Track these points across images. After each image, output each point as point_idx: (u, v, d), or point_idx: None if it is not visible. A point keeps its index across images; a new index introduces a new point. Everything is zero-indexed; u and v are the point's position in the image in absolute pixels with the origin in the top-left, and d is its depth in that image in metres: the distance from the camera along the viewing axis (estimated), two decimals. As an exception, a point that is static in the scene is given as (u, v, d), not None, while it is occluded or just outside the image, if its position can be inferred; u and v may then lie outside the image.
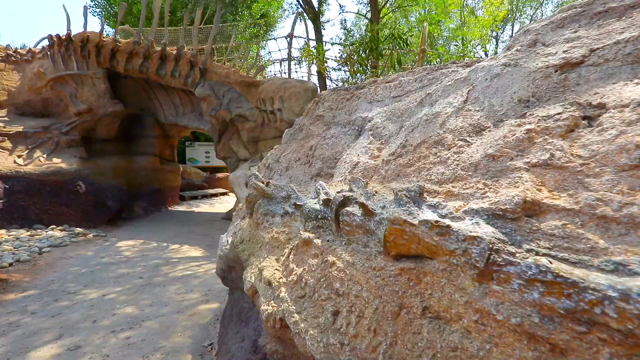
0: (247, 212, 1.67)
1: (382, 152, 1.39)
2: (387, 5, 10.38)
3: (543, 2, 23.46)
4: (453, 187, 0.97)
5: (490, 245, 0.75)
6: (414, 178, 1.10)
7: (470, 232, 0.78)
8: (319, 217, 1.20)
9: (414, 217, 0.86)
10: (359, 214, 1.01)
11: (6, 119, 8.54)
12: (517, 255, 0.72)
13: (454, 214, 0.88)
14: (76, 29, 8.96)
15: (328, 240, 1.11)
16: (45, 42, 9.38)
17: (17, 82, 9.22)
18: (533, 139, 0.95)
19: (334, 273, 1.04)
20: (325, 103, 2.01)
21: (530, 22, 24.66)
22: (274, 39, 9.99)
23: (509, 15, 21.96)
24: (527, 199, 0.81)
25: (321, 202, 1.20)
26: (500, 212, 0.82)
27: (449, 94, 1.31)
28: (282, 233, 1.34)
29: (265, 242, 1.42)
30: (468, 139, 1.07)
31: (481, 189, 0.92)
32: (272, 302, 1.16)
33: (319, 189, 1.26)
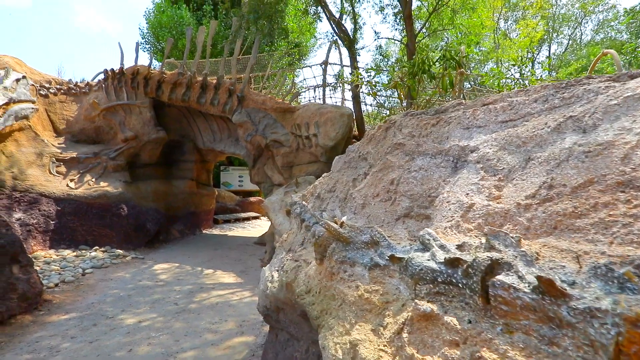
0: (317, 257, 1.41)
1: (505, 192, 1.09)
2: (423, 30, 10.36)
3: (582, 21, 22.55)
4: None
5: None
6: (600, 236, 0.78)
7: None
8: (439, 280, 0.90)
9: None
10: (528, 290, 0.71)
11: (63, 145, 9.25)
12: None
13: None
14: (128, 63, 9.77)
15: (470, 322, 0.80)
16: (102, 76, 10.28)
17: (75, 112, 10.08)
18: None
19: (500, 382, 0.70)
20: (404, 129, 1.75)
21: (569, 42, 23.73)
22: (308, 66, 10.25)
23: (545, 36, 21.25)
24: None
25: (441, 261, 0.91)
26: None
27: (617, 116, 0.99)
28: (375, 293, 1.05)
29: (348, 300, 1.14)
30: (687, 181, 0.76)
31: None
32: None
33: (428, 240, 0.98)
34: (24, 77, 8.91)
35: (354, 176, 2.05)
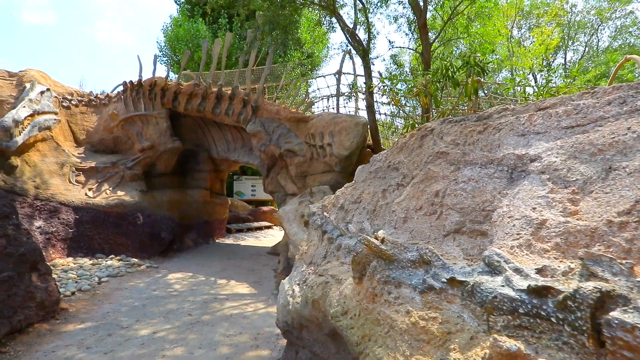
0: (354, 275, 1.31)
1: (584, 206, 0.96)
2: (437, 40, 10.33)
3: (598, 28, 22.11)
4: None
5: None
6: None
7: None
8: (520, 311, 0.77)
9: None
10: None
11: (83, 155, 9.48)
12: None
13: None
14: (146, 75, 10.05)
15: (573, 366, 0.67)
16: (121, 88, 10.58)
17: (94, 123, 10.37)
18: None
19: None
20: (445, 137, 1.63)
21: (585, 49, 23.26)
22: (322, 76, 10.31)
23: (561, 43, 20.90)
24: None
25: (522, 288, 0.79)
26: None
27: None
28: (432, 321, 0.93)
29: (397, 327, 1.02)
30: None
31: None
32: None
33: (498, 262, 0.86)
34: (47, 89, 9.24)
35: (384, 187, 1.95)
